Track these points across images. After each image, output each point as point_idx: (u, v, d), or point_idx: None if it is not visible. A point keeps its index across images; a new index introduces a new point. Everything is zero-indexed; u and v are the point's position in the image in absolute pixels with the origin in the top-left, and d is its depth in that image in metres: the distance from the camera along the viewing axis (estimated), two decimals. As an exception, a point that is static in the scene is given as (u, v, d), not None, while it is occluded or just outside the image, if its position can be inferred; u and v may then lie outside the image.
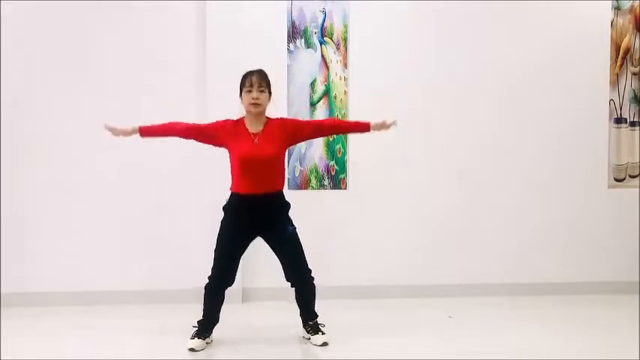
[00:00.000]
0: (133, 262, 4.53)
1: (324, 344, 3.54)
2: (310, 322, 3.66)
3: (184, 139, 3.60)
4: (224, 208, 3.53)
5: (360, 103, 4.66)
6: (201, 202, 4.50)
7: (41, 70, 4.47)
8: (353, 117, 4.66)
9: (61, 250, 4.48)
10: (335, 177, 4.71)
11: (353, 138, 4.67)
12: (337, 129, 3.85)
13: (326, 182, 4.71)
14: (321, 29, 4.66)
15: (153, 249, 4.54)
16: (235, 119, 3.54)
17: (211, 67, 4.46)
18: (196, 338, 3.54)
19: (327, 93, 4.68)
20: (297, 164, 4.64)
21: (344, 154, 4.71)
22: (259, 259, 3.92)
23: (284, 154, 3.56)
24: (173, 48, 4.56)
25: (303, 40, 4.64)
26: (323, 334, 3.61)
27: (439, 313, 4.24)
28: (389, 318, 4.15)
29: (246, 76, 3.47)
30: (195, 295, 4.50)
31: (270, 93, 3.50)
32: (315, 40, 4.66)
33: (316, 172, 4.69)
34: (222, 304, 3.61)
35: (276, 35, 4.58)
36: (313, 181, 4.68)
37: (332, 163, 4.71)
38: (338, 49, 4.66)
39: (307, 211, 4.57)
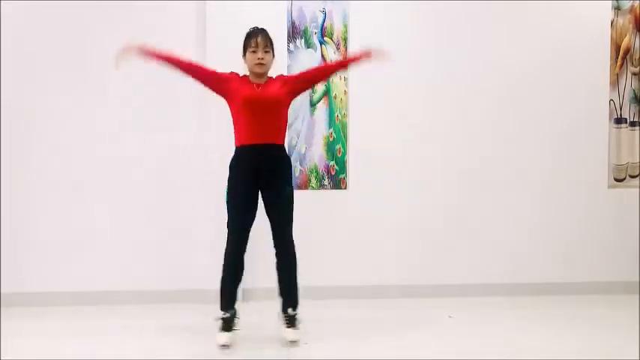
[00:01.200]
0: (133, 262, 4.53)
1: (295, 342, 3.48)
2: (290, 311, 3.56)
3: (187, 76, 3.56)
4: (230, 165, 3.53)
5: (360, 103, 4.66)
6: (202, 202, 4.50)
7: (41, 70, 4.47)
8: (353, 117, 4.68)
9: (61, 250, 4.49)
10: (335, 177, 4.71)
11: (353, 138, 4.68)
12: (333, 69, 3.77)
13: (326, 182, 4.71)
14: (321, 29, 4.66)
15: (153, 249, 4.54)
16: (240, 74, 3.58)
17: (211, 67, 4.45)
18: (224, 332, 3.50)
19: (327, 93, 4.67)
20: (297, 164, 4.64)
21: (344, 154, 4.71)
22: (259, 259, 3.91)
23: (287, 106, 3.55)
24: (173, 48, 4.55)
25: (303, 40, 4.64)
26: (298, 329, 3.54)
27: (439, 313, 4.24)
28: (389, 318, 4.15)
29: (250, 36, 3.49)
30: (195, 295, 4.53)
31: (273, 54, 3.54)
32: (315, 40, 4.66)
33: (316, 172, 4.69)
34: (241, 276, 3.55)
35: (276, 35, 4.55)
36: (313, 181, 4.68)
37: (332, 163, 4.71)
38: (338, 49, 4.66)
39: (307, 211, 4.58)
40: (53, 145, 4.49)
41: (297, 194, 3.69)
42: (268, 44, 3.48)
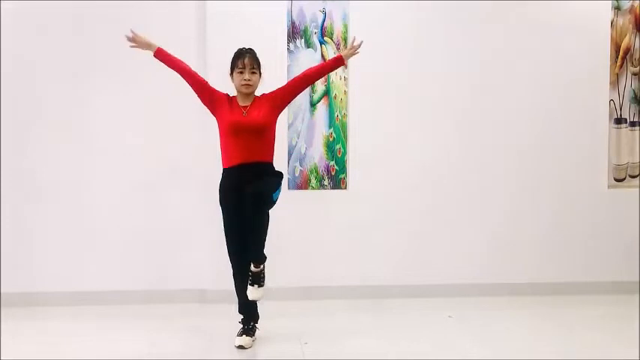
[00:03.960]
0: (132, 262, 4.53)
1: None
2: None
3: (184, 80, 3.62)
4: (219, 187, 3.57)
5: (360, 103, 4.66)
6: (201, 202, 4.50)
7: (41, 70, 4.47)
8: (353, 117, 4.68)
9: (61, 250, 4.49)
10: (335, 177, 4.71)
11: (353, 138, 4.67)
12: (316, 75, 3.68)
13: (326, 182, 4.71)
14: (321, 29, 4.66)
15: (153, 249, 4.54)
16: (229, 95, 3.61)
17: (211, 67, 4.45)
18: (244, 335, 3.54)
19: (327, 93, 4.67)
20: (297, 164, 4.64)
21: (344, 154, 4.71)
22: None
23: (274, 124, 3.57)
24: (173, 48, 4.55)
25: (303, 40, 4.64)
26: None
27: (439, 313, 4.25)
28: (388, 318, 4.15)
29: (238, 57, 3.53)
30: (195, 295, 4.54)
31: (260, 74, 3.56)
32: (315, 40, 4.65)
33: (316, 172, 4.68)
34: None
35: (276, 35, 4.58)
36: (313, 181, 4.68)
37: (332, 163, 4.71)
38: (338, 49, 4.66)
39: (307, 211, 4.59)
40: (53, 145, 4.48)
41: (298, 194, 3.69)
42: (255, 65, 3.52)
